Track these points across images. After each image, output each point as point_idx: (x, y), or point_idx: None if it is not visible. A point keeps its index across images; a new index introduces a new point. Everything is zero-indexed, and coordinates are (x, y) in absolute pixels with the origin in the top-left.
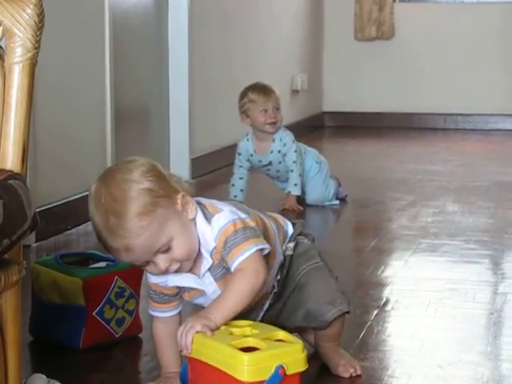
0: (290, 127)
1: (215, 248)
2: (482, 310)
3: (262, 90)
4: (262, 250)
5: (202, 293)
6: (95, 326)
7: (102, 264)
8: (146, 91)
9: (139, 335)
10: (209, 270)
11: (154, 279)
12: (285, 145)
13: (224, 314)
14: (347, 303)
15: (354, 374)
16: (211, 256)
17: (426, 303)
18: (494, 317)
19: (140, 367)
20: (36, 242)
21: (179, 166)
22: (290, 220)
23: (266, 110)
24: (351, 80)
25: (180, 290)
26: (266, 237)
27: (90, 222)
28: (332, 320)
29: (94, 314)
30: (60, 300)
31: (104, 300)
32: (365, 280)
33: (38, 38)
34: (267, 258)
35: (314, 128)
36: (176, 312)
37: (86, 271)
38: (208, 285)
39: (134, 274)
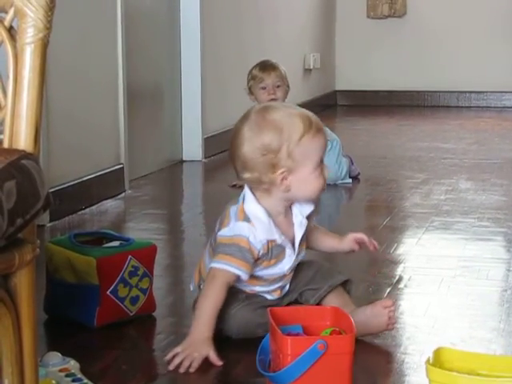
0: (302, 106)
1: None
2: (495, 288)
3: (263, 66)
4: None
5: (284, 256)
6: (109, 304)
7: (116, 243)
8: (158, 71)
9: (153, 314)
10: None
11: (262, 235)
12: None
13: None
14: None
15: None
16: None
17: (438, 281)
18: (508, 294)
19: (154, 345)
20: (50, 221)
21: (192, 146)
22: None
23: (265, 87)
24: (364, 58)
25: (260, 259)
26: None
27: (103, 202)
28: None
29: (108, 292)
30: (74, 279)
31: (118, 279)
32: (378, 258)
33: (49, 19)
34: None
35: (327, 106)
36: (245, 275)
37: (99, 250)
38: (296, 248)
39: (148, 253)
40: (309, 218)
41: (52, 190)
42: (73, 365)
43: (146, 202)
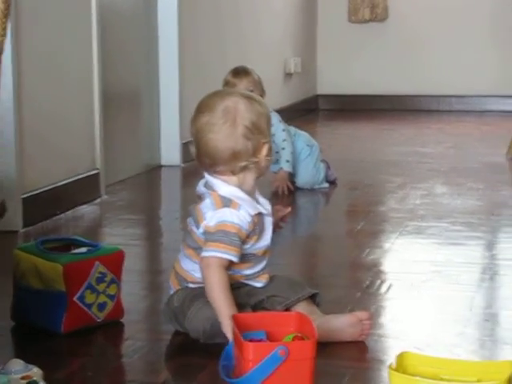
0: (283, 110)
1: None
2: (464, 292)
3: (235, 72)
4: None
5: (265, 229)
6: (76, 311)
7: (83, 249)
8: (135, 75)
9: (124, 320)
10: None
11: (247, 211)
12: (272, 125)
13: None
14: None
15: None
16: None
17: (408, 285)
18: (476, 299)
19: (122, 351)
20: (24, 227)
21: (170, 151)
22: None
23: None
24: (345, 63)
25: (250, 235)
26: None
27: (79, 207)
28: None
29: (74, 299)
30: (41, 286)
31: (85, 285)
32: (350, 262)
33: (3, 26)
34: None
35: (309, 111)
36: (235, 258)
37: (66, 257)
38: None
39: (115, 259)
40: None
41: (26, 195)
42: (35, 372)
43: (123, 208)
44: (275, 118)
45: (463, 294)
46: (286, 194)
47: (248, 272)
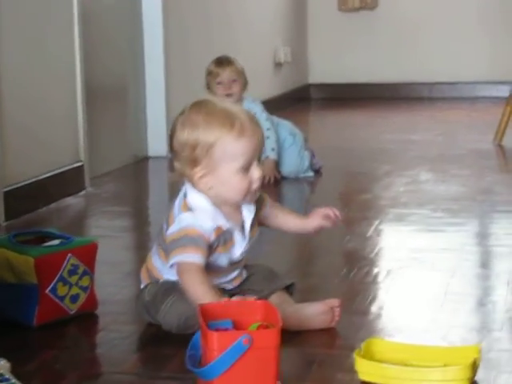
0: (273, 100)
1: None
2: (439, 279)
3: (218, 61)
4: None
5: (234, 243)
6: (48, 303)
7: (56, 242)
8: (120, 65)
9: (96, 312)
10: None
11: (207, 223)
12: (255, 114)
13: None
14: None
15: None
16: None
17: (384, 272)
18: (450, 285)
19: (95, 343)
20: (6, 220)
21: (157, 142)
22: None
23: (220, 82)
24: (336, 51)
25: (213, 245)
26: None
27: (62, 200)
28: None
29: (46, 291)
30: (13, 279)
31: (56, 278)
32: (328, 250)
33: None
34: None
35: (300, 100)
36: (201, 259)
37: (38, 249)
38: (247, 234)
39: (88, 251)
40: (260, 202)
41: (8, 188)
42: (2, 365)
43: (107, 199)
44: (258, 108)
45: (438, 280)
46: (272, 183)
47: (218, 281)
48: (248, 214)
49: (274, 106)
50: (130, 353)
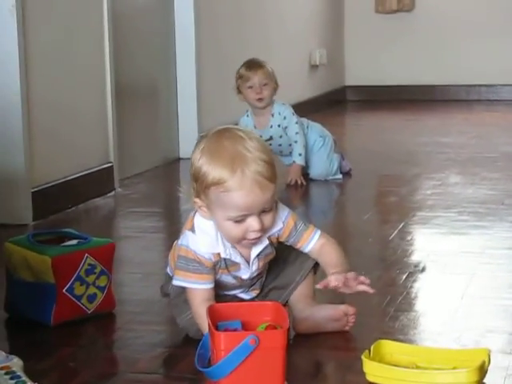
0: (309, 102)
1: (281, 229)
2: (457, 281)
3: (249, 65)
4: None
5: (240, 268)
6: (66, 302)
7: (74, 242)
8: (151, 65)
9: (114, 311)
10: (258, 254)
11: (204, 248)
12: (284, 118)
13: (344, 267)
14: None
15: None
16: (269, 237)
17: (403, 275)
18: (469, 288)
19: (113, 341)
20: (34, 220)
21: (188, 143)
22: None
23: (251, 86)
24: (373, 53)
25: (216, 266)
26: None
27: (91, 201)
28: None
29: (64, 291)
30: (32, 278)
31: (74, 277)
32: (349, 251)
33: None
34: None
35: (336, 102)
36: (206, 285)
37: (55, 249)
38: (252, 264)
39: (105, 251)
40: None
41: (36, 188)
42: (15, 362)
43: (137, 201)
44: (288, 111)
45: (457, 283)
46: (298, 186)
47: (232, 292)
48: (258, 246)
49: (309, 108)
50: (144, 352)
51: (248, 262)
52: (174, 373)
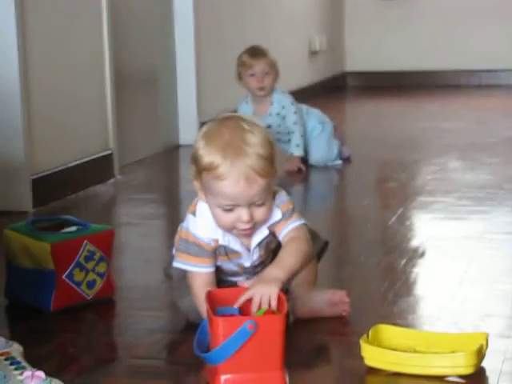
0: (309, 88)
1: (280, 220)
2: (456, 266)
3: (252, 52)
4: (304, 224)
5: (241, 256)
6: (65, 288)
7: (73, 228)
8: (151, 52)
9: (114, 297)
10: (259, 243)
11: (203, 233)
12: (283, 107)
13: (288, 272)
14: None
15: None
16: (268, 227)
17: (401, 259)
18: (468, 273)
19: (113, 327)
20: (34, 207)
21: (188, 130)
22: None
23: (253, 74)
24: (374, 39)
25: (216, 252)
26: None
27: (91, 188)
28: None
29: (63, 277)
30: (31, 264)
31: (73, 263)
32: (348, 237)
33: None
34: None
35: (337, 88)
36: (206, 269)
37: (54, 236)
38: (253, 253)
39: (104, 237)
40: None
41: (36, 176)
42: (15, 348)
43: (136, 187)
44: (287, 100)
45: (455, 268)
46: (296, 173)
47: (235, 279)
48: (258, 235)
49: (309, 94)
50: (144, 338)
51: (249, 251)
52: (173, 358)
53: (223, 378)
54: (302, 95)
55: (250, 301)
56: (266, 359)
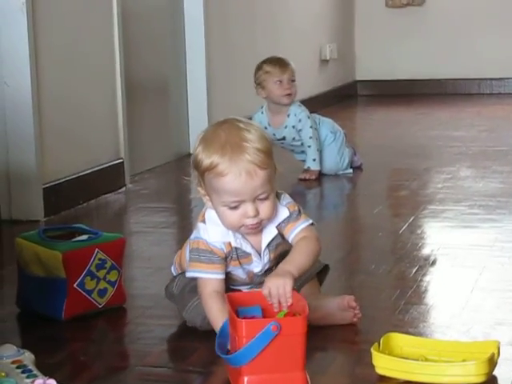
0: (319, 97)
1: (289, 218)
2: (467, 274)
3: (277, 61)
4: (312, 224)
5: (252, 260)
6: (77, 297)
7: (84, 237)
8: (161, 61)
9: (125, 306)
10: (268, 245)
11: (215, 237)
12: (300, 120)
13: (299, 269)
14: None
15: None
16: (276, 227)
17: (412, 268)
18: (479, 282)
19: (124, 335)
20: (46, 216)
21: None
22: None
23: (280, 81)
24: (384, 48)
25: (228, 257)
26: None
27: (102, 197)
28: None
29: (74, 285)
30: (43, 273)
31: (84, 272)
32: (359, 245)
33: None
34: None
35: (347, 97)
36: (218, 275)
37: (66, 245)
38: (264, 256)
39: (115, 246)
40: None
41: (47, 185)
42: (27, 356)
43: (147, 196)
44: (304, 114)
45: (466, 277)
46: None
47: (244, 288)
48: (266, 235)
49: (319, 103)
50: (154, 346)
51: (259, 254)
52: (184, 366)
53: (246, 378)
54: (312, 104)
55: (270, 305)
56: (288, 360)
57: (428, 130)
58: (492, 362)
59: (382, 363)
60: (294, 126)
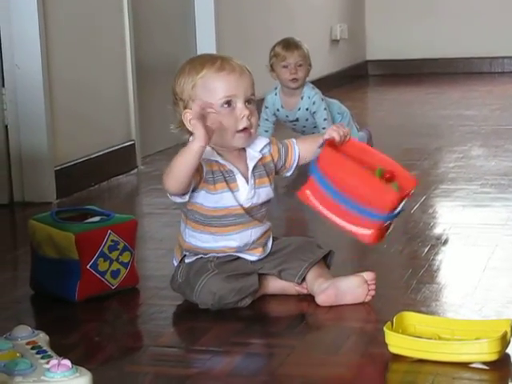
0: (330, 77)
1: (269, 144)
2: (480, 254)
3: (286, 44)
4: None
5: (238, 187)
6: (90, 278)
7: (97, 219)
8: (172, 44)
9: (138, 287)
10: (253, 169)
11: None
12: (314, 103)
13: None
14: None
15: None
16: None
17: (425, 247)
18: (491, 259)
19: (137, 316)
20: (58, 198)
21: None
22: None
23: (286, 66)
24: (394, 27)
25: (215, 178)
26: None
27: (114, 178)
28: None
29: (87, 267)
30: (56, 254)
31: (97, 253)
32: None
33: None
34: None
35: (358, 77)
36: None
37: (78, 226)
38: (250, 179)
39: (128, 227)
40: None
41: (59, 167)
42: (41, 337)
43: (159, 178)
44: (318, 96)
45: (478, 255)
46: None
47: (234, 244)
48: (251, 160)
49: (330, 83)
50: (167, 326)
51: (246, 179)
52: (197, 346)
53: None
54: (323, 84)
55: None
56: None
57: (439, 109)
58: (505, 340)
59: (395, 342)
60: (307, 109)
